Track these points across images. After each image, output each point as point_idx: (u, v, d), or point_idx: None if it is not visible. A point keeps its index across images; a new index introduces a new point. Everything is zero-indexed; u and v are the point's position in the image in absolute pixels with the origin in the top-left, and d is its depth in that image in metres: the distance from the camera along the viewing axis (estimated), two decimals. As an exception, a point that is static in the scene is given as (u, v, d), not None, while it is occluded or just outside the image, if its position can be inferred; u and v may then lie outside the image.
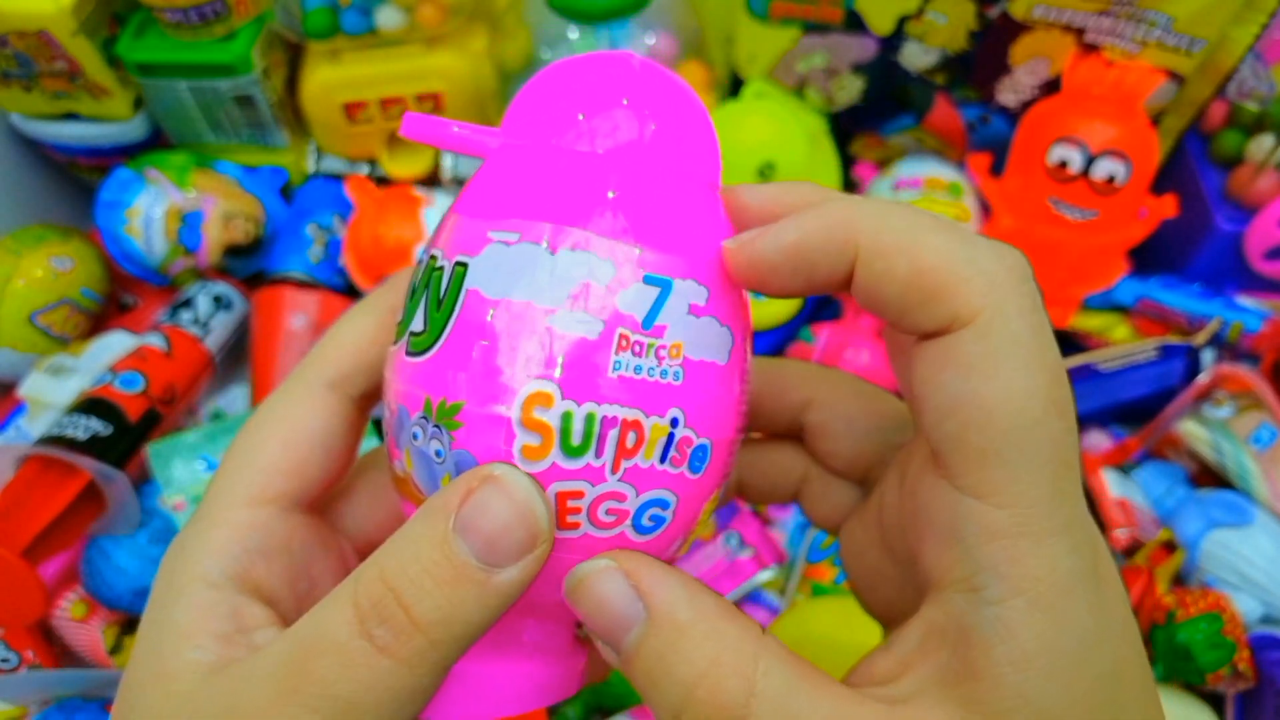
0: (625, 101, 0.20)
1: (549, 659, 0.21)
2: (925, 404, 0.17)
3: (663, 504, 0.19)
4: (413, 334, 0.19)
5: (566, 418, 0.18)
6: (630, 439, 0.18)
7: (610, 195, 0.19)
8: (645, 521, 0.19)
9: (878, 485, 0.23)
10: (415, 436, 0.19)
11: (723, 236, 0.20)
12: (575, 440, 0.18)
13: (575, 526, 0.18)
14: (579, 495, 0.18)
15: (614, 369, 0.18)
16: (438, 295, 0.19)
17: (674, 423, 0.19)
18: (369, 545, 0.22)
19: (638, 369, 0.18)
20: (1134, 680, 0.17)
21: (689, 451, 0.19)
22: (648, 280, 0.18)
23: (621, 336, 0.18)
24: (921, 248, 0.17)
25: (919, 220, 0.17)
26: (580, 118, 0.20)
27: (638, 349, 0.18)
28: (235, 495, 0.20)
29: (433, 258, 0.20)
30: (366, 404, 0.23)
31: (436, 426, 0.18)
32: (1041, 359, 0.16)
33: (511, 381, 0.18)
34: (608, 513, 0.19)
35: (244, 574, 0.19)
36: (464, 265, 0.19)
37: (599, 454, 0.18)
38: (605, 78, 0.20)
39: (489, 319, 0.18)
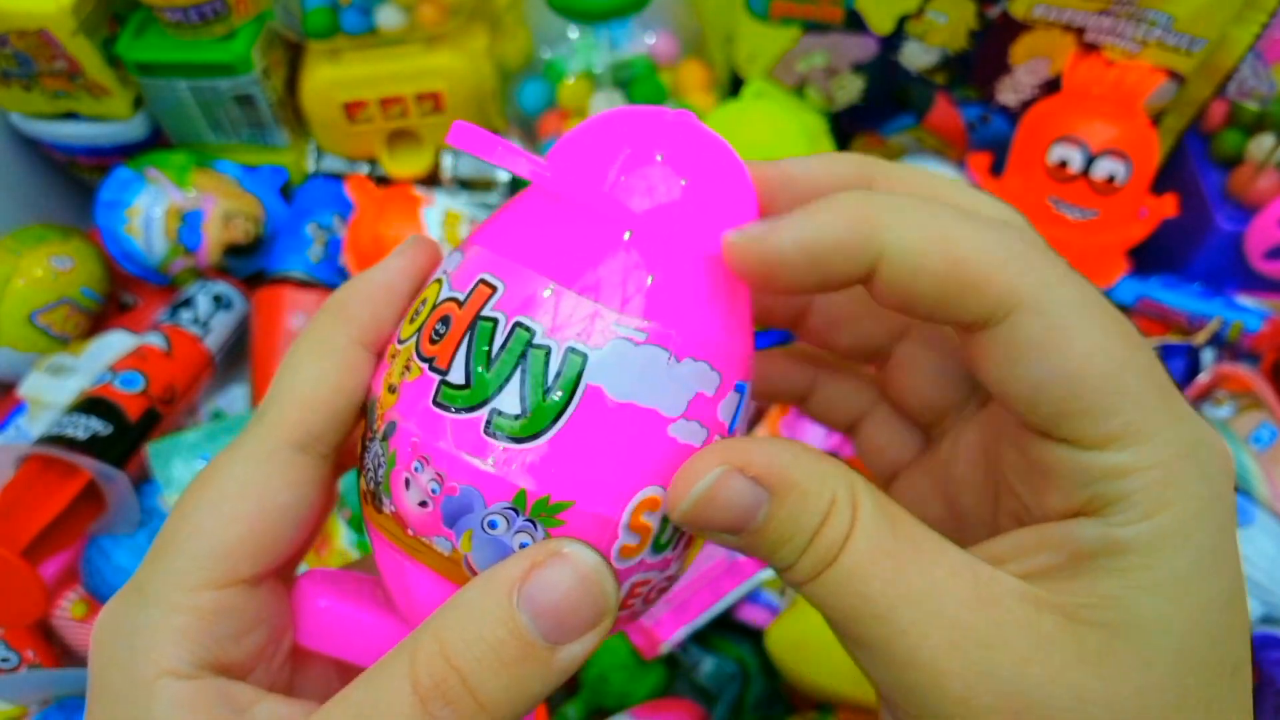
0: (676, 171, 0.19)
1: None
2: (1010, 394, 0.17)
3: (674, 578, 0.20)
4: (499, 413, 0.17)
5: (665, 520, 0.18)
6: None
7: (703, 301, 0.19)
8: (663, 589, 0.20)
9: (948, 436, 0.22)
10: (493, 525, 0.18)
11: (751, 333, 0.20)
12: (665, 538, 0.19)
13: (629, 608, 0.19)
14: (647, 584, 0.19)
15: None
16: (542, 378, 0.17)
17: None
18: None
19: None
20: (1243, 605, 0.17)
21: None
22: (738, 388, 0.19)
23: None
24: (952, 241, 0.17)
25: (939, 212, 0.17)
26: (659, 157, 0.19)
27: None
28: (194, 577, 0.18)
29: (523, 328, 0.18)
30: (338, 461, 0.21)
31: (530, 521, 0.17)
32: (1097, 306, 0.17)
33: (628, 487, 0.18)
34: (656, 591, 0.20)
35: (216, 661, 0.18)
36: (582, 355, 0.17)
37: (674, 547, 0.19)
38: (654, 137, 0.19)
39: (613, 422, 0.17)
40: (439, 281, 0.20)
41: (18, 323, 0.55)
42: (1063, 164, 0.51)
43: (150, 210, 0.57)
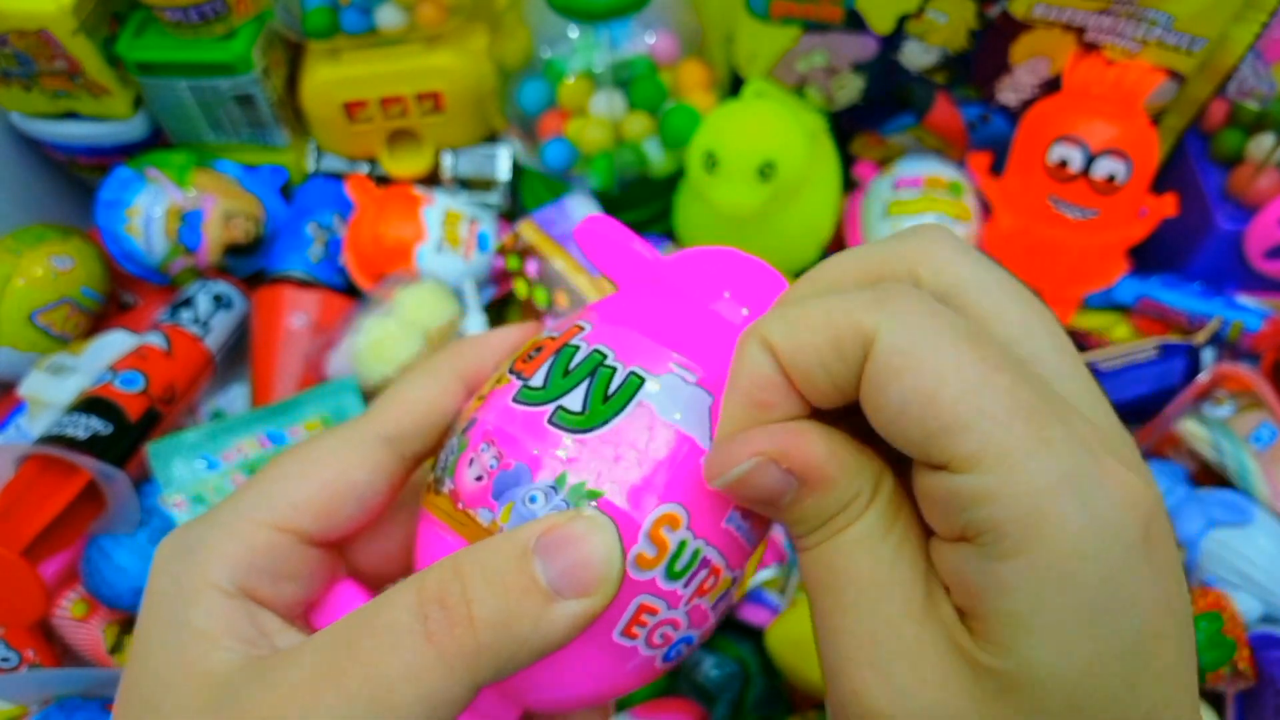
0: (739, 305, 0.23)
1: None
2: (879, 421, 0.17)
3: (689, 641, 0.21)
4: (563, 409, 0.20)
5: (682, 545, 0.19)
6: (710, 582, 0.20)
7: None
8: (674, 653, 0.21)
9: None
10: (532, 499, 0.20)
11: None
12: (679, 566, 0.20)
13: (634, 637, 0.20)
14: (654, 612, 0.20)
15: (728, 520, 0.20)
16: (604, 387, 0.20)
17: (734, 580, 0.21)
18: (376, 579, 0.23)
19: (738, 527, 0.20)
20: (1164, 657, 0.16)
21: (728, 603, 0.22)
22: None
23: None
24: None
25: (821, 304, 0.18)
26: (726, 295, 0.23)
27: (743, 511, 0.20)
28: (258, 514, 0.20)
29: (599, 352, 0.21)
30: (415, 465, 0.23)
31: (566, 501, 0.19)
32: (955, 334, 0.16)
33: (656, 496, 0.19)
34: (662, 637, 0.20)
35: (252, 590, 0.20)
36: (640, 378, 0.20)
37: (686, 584, 0.20)
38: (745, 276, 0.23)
39: (655, 436, 0.20)
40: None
41: (18, 322, 0.55)
42: (1063, 163, 0.51)
43: (150, 210, 0.57)
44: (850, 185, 0.61)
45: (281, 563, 0.20)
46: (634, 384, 0.20)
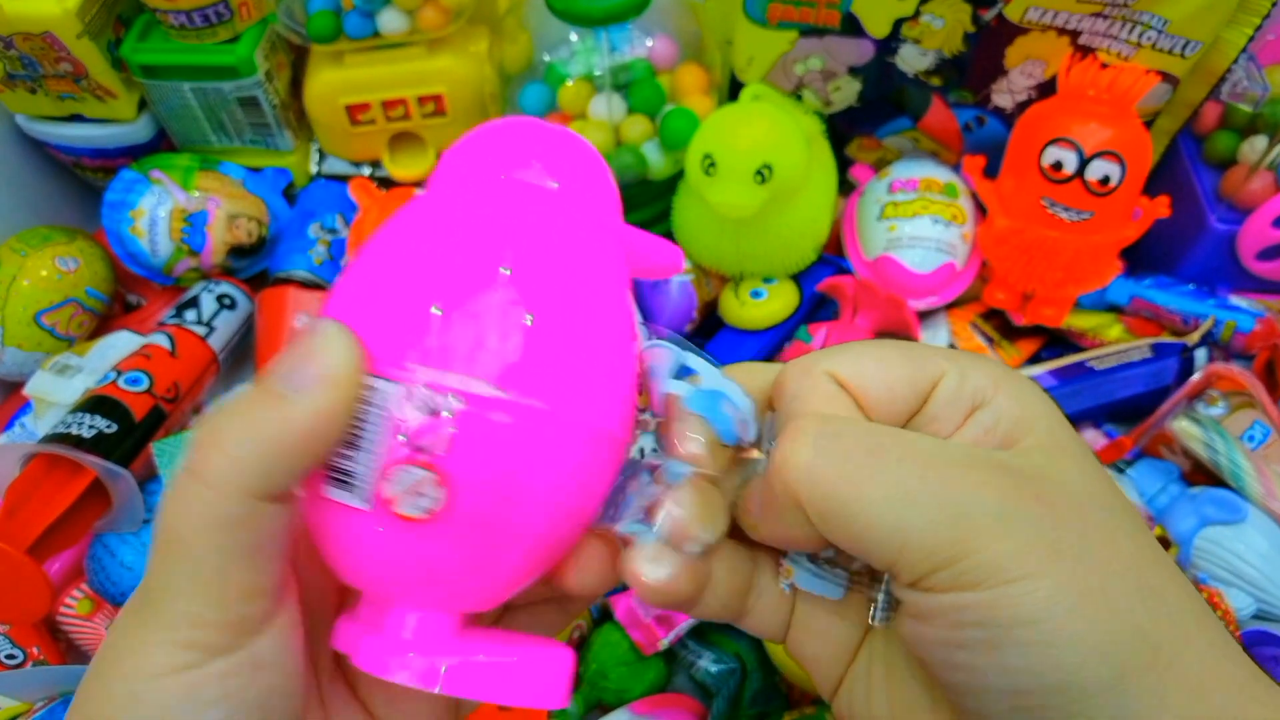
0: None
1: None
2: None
3: None
4: None
5: None
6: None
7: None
8: None
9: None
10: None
11: None
12: None
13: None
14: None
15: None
16: None
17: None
18: None
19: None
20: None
21: None
22: None
23: None
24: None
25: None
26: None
27: None
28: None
29: None
30: None
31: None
32: (877, 452, 0.19)
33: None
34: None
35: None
36: None
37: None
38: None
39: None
40: None
41: (23, 323, 0.55)
42: (1057, 165, 0.51)
43: (155, 211, 0.58)
44: (846, 187, 0.62)
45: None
46: None
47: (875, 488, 0.19)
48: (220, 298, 0.59)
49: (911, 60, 0.55)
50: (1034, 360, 0.57)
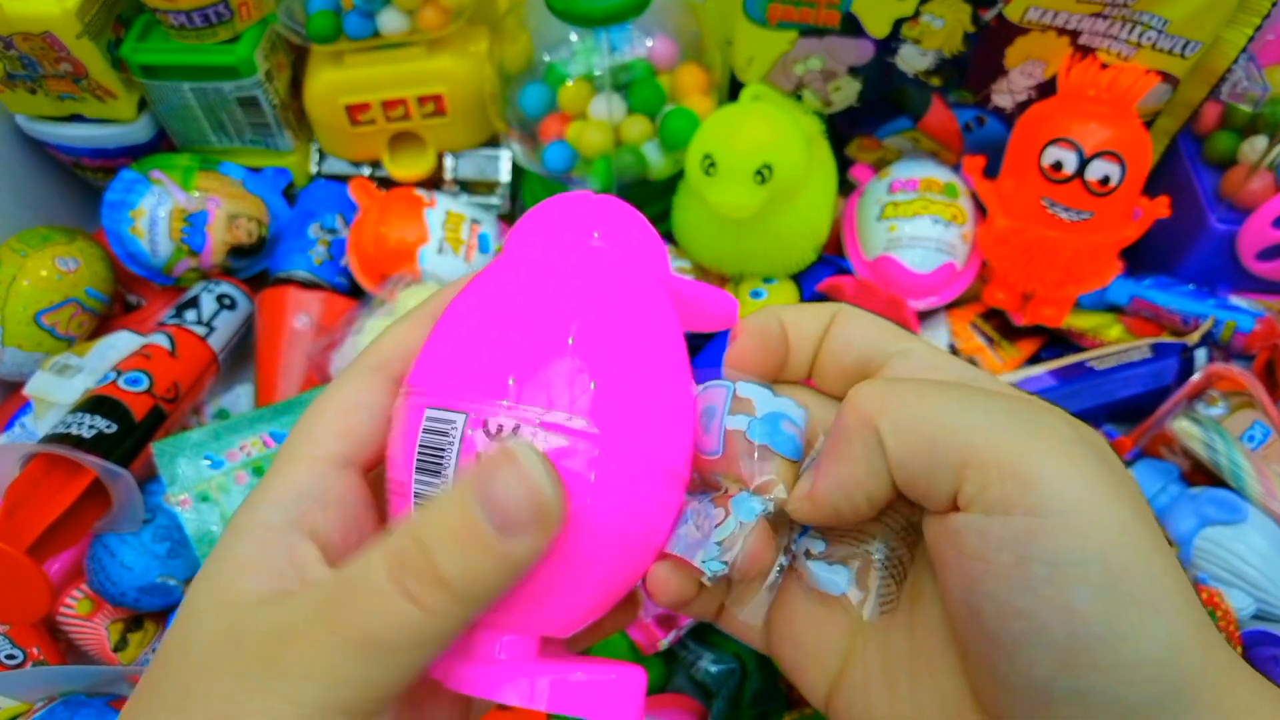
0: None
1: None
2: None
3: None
4: None
5: None
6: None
7: None
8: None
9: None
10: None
11: None
12: None
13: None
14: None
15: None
16: None
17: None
18: None
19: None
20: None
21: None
22: None
23: None
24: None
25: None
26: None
27: None
28: (295, 454, 0.22)
29: None
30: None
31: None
32: (945, 382, 0.21)
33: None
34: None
35: (301, 518, 0.21)
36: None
37: None
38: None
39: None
40: None
41: (23, 323, 0.55)
42: (1057, 165, 0.52)
43: (155, 211, 0.58)
44: (846, 188, 0.62)
45: (324, 488, 0.22)
46: None
47: (947, 399, 0.20)
48: (220, 298, 0.59)
49: (911, 60, 0.55)
50: (1034, 360, 0.57)
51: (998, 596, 0.18)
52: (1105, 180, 0.51)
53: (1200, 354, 0.54)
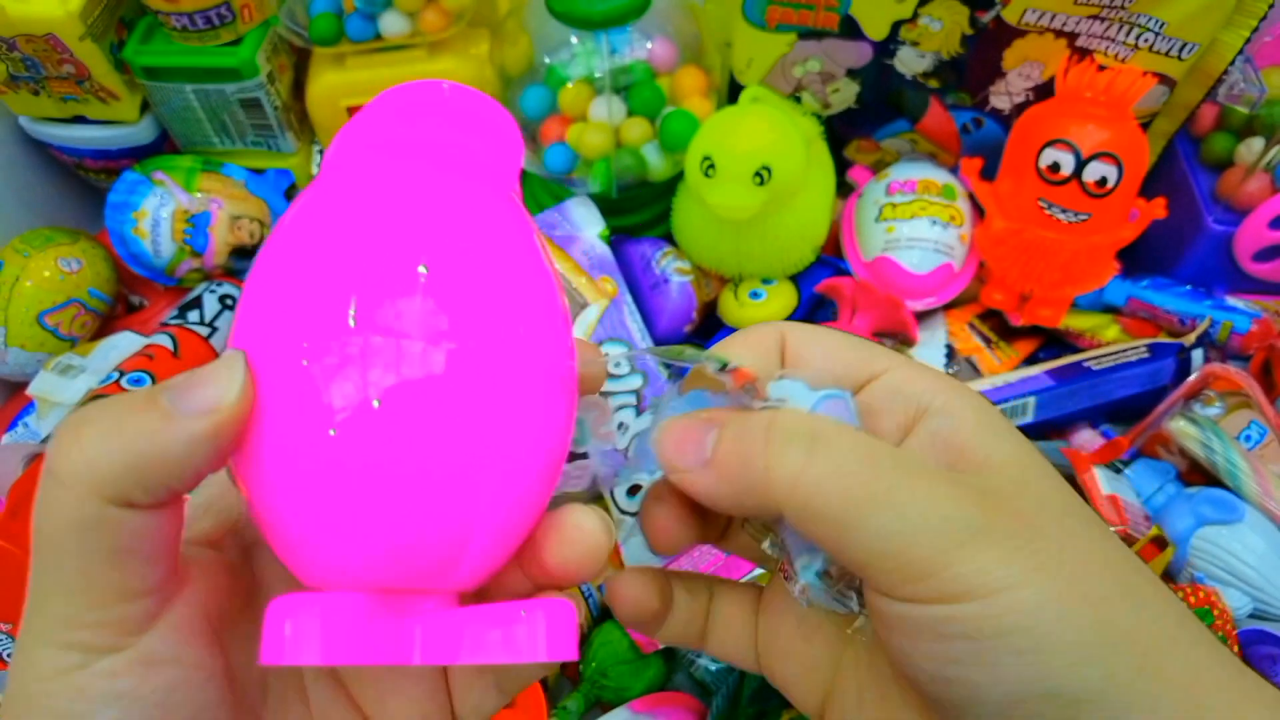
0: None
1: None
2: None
3: None
4: None
5: None
6: None
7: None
8: None
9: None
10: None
11: None
12: None
13: None
14: None
15: None
16: None
17: None
18: None
19: None
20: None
21: None
22: None
23: None
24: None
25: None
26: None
27: None
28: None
29: None
30: None
31: None
32: (866, 461, 0.19)
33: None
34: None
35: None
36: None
37: None
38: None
39: None
40: None
41: (26, 323, 0.56)
42: (1055, 167, 0.52)
43: (158, 213, 0.58)
44: (845, 189, 0.62)
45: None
46: None
47: (862, 493, 0.18)
48: (223, 299, 0.59)
49: (910, 62, 0.56)
50: (1031, 360, 0.57)
51: (926, 668, 0.19)
52: (1102, 181, 0.51)
53: (1197, 354, 0.54)
